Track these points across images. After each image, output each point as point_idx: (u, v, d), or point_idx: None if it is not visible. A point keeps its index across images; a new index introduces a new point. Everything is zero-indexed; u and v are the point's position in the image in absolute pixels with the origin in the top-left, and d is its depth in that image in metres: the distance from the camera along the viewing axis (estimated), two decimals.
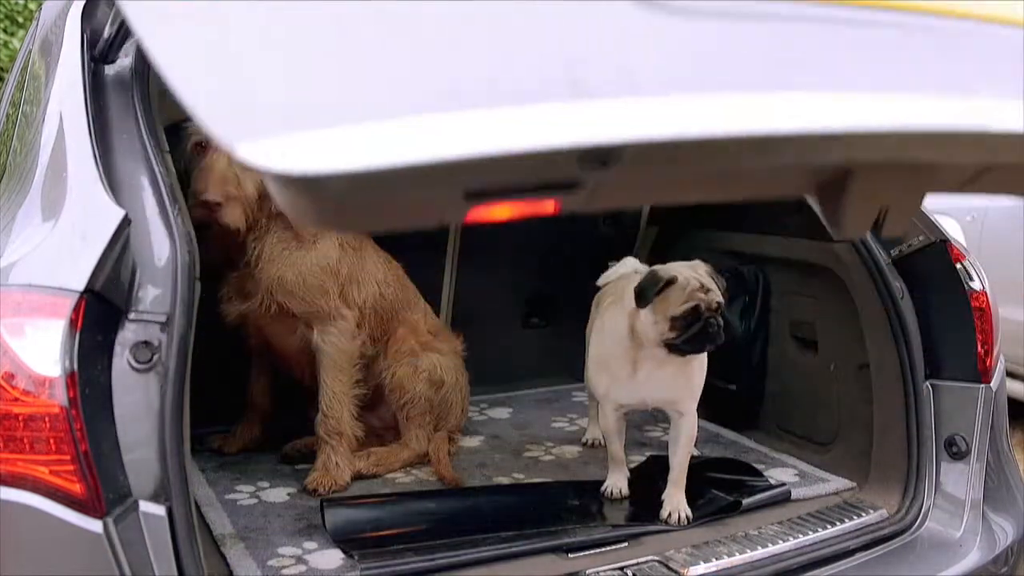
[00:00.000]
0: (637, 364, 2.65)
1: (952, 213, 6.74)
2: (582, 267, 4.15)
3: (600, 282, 3.15)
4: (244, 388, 3.21)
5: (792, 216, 3.16)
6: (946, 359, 2.69)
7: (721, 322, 2.54)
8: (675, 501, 2.63)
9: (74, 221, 1.96)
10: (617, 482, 2.80)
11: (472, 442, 3.33)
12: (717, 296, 2.55)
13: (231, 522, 2.59)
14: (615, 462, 2.83)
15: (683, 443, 2.68)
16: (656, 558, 2.37)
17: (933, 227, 2.71)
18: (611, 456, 2.84)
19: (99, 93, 2.31)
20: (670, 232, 4.02)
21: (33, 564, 1.79)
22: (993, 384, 2.68)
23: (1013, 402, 3.23)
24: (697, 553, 2.39)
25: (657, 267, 2.64)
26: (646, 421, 3.53)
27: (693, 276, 2.56)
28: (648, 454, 3.16)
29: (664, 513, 2.60)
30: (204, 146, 2.75)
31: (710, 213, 3.76)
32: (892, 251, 2.77)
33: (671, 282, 2.54)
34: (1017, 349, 5.05)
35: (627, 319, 2.64)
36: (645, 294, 2.53)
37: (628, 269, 3.10)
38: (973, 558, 2.54)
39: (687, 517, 2.59)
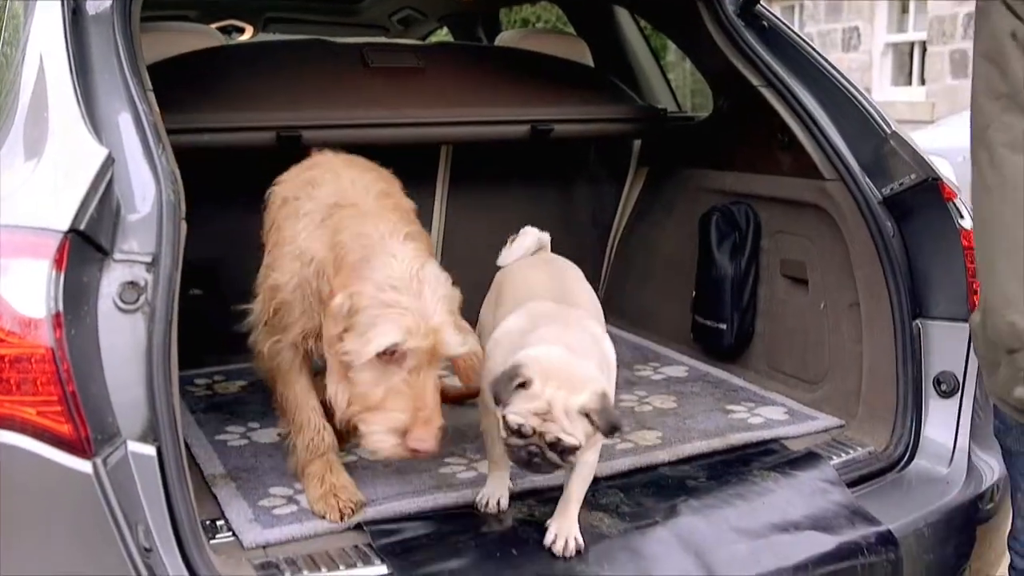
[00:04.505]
0: None
1: (944, 154, 6.72)
2: (570, 208, 4.14)
3: (501, 261, 2.70)
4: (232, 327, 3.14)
5: (783, 154, 3.14)
6: (936, 297, 2.69)
7: (551, 458, 2.05)
8: (564, 525, 2.20)
9: (56, 161, 1.95)
10: (496, 491, 2.35)
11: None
12: (558, 433, 2.02)
13: (221, 463, 2.59)
14: (495, 466, 2.37)
15: (582, 474, 2.23)
16: None
17: (925, 165, 2.69)
18: (491, 459, 2.38)
19: (80, 31, 2.27)
20: (661, 172, 3.99)
21: (23, 505, 1.80)
22: None
23: None
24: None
25: (531, 355, 2.08)
26: (635, 360, 3.53)
27: (549, 396, 2.02)
28: (639, 394, 3.16)
29: (549, 538, 2.18)
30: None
31: (701, 152, 3.74)
32: (883, 189, 2.75)
33: (524, 385, 2.04)
34: None
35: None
36: (499, 394, 2.06)
37: (531, 242, 2.70)
38: (960, 495, 2.55)
39: (578, 547, 2.17)
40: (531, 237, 2.69)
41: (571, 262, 2.68)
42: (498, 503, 2.32)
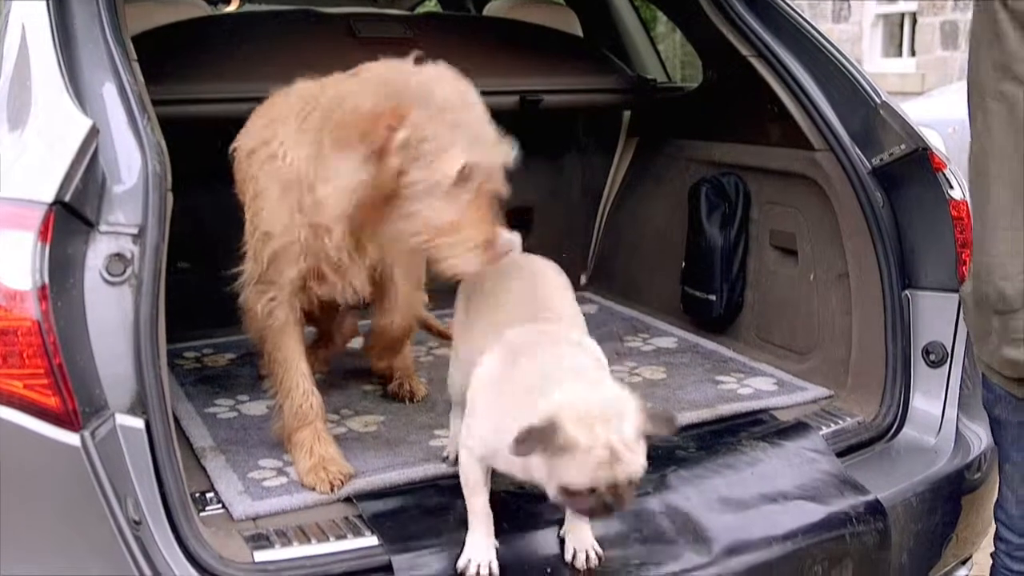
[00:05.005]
0: None
1: (934, 125, 6.70)
2: (559, 179, 4.13)
3: None
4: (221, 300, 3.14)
5: (772, 125, 3.13)
6: (925, 268, 2.69)
7: (627, 495, 1.80)
8: (580, 536, 2.08)
9: (40, 131, 1.93)
10: (482, 554, 2.01)
11: None
12: (632, 467, 1.77)
13: (211, 435, 2.59)
14: (477, 520, 2.05)
15: None
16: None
17: (915, 135, 2.68)
18: (472, 511, 2.05)
19: (63, 2, 2.24)
20: (650, 143, 3.98)
21: (11, 478, 1.79)
22: None
23: None
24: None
25: (561, 410, 1.75)
26: (625, 331, 3.53)
27: (604, 441, 1.73)
28: (629, 365, 3.16)
29: (568, 553, 2.08)
30: None
31: (690, 123, 3.73)
32: (873, 160, 2.75)
33: (568, 447, 1.74)
34: None
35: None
36: (528, 447, 1.75)
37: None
38: (947, 464, 2.56)
39: (598, 555, 2.07)
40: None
41: (545, 260, 2.39)
42: (488, 568, 2.00)
